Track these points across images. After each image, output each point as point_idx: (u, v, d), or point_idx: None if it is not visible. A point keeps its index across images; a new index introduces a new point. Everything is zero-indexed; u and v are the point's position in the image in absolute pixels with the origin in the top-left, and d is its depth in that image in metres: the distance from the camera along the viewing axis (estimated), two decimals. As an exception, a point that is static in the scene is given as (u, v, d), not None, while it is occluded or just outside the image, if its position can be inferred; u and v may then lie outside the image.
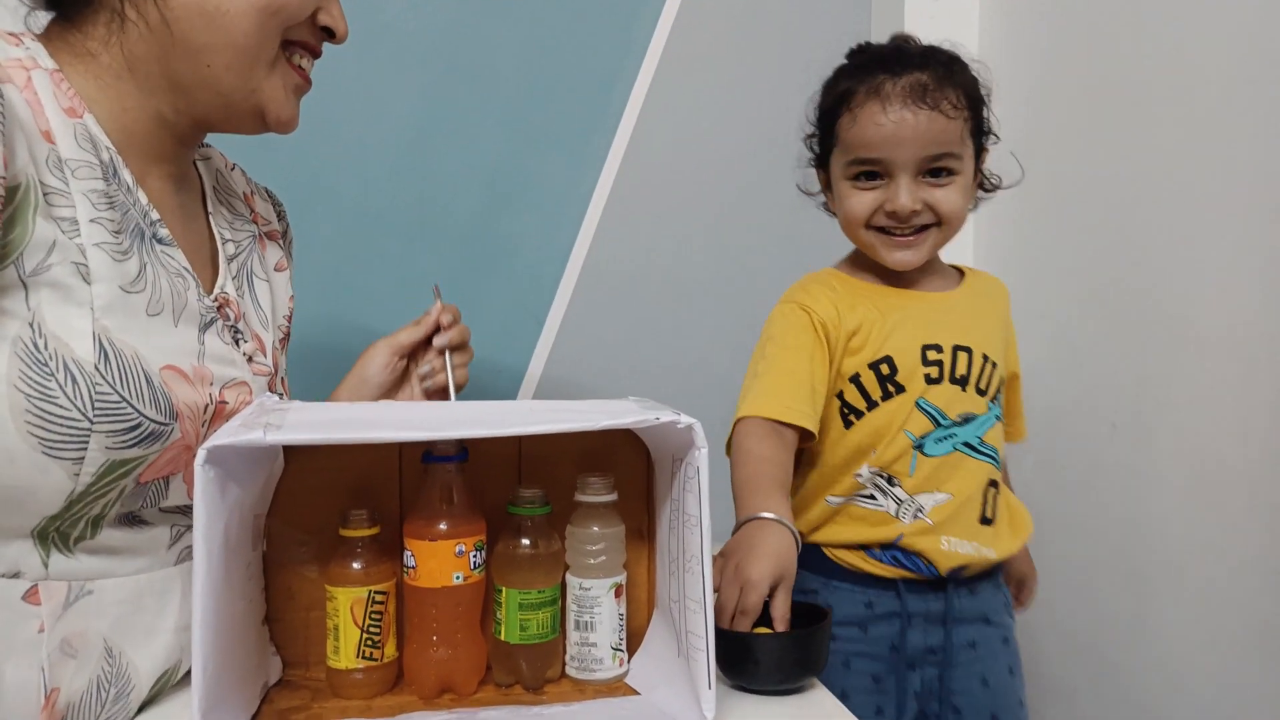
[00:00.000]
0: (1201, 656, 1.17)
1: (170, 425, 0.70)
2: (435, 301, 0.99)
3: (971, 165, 1.03)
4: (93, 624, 0.69)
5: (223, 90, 0.76)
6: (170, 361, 0.72)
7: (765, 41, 1.58)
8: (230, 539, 0.66)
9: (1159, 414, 1.23)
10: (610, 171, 1.53)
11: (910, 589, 1.02)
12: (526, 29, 1.48)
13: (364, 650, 0.74)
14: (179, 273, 0.76)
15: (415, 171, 1.45)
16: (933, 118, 0.98)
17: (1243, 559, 1.12)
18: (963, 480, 1.02)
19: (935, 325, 1.04)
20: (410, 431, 0.67)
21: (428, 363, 0.99)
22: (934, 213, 1.01)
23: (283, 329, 0.93)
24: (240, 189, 0.94)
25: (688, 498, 0.73)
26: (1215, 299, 1.15)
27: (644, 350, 1.55)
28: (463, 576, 0.75)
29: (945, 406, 1.02)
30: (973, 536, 1.02)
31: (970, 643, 1.03)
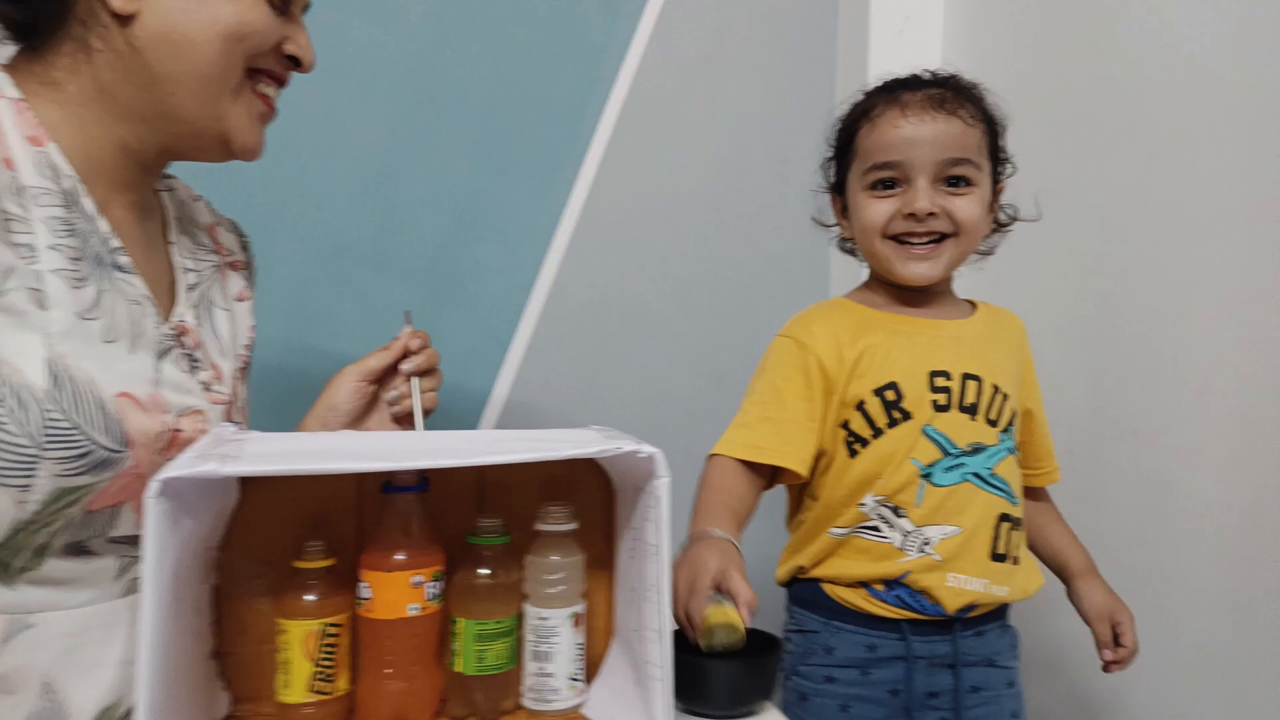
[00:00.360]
0: (1155, 678, 1.19)
1: (123, 453, 0.69)
2: (405, 327, 0.98)
3: (989, 184, 1.02)
4: (34, 658, 0.68)
5: (188, 118, 0.76)
6: (125, 388, 0.71)
7: (734, 72, 1.60)
8: (180, 573, 0.65)
9: (1116, 441, 1.25)
10: (578, 200, 1.53)
11: (915, 631, 0.99)
12: (495, 57, 1.48)
13: (315, 684, 0.73)
14: (137, 300, 0.76)
15: (381, 199, 1.44)
16: (951, 122, 0.98)
17: (1196, 584, 1.14)
18: (973, 513, 0.99)
19: (943, 352, 1.02)
20: (370, 462, 0.67)
21: (396, 389, 0.97)
22: (951, 220, 0.99)
23: (243, 358, 0.92)
24: (204, 220, 0.93)
25: (648, 527, 0.73)
26: (1171, 327, 1.18)
27: (609, 377, 1.55)
28: (419, 608, 0.74)
29: (954, 434, 0.99)
30: (983, 574, 0.99)
31: (974, 687, 1.01)
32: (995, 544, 1.00)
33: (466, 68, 1.47)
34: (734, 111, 1.60)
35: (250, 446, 0.67)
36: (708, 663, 0.79)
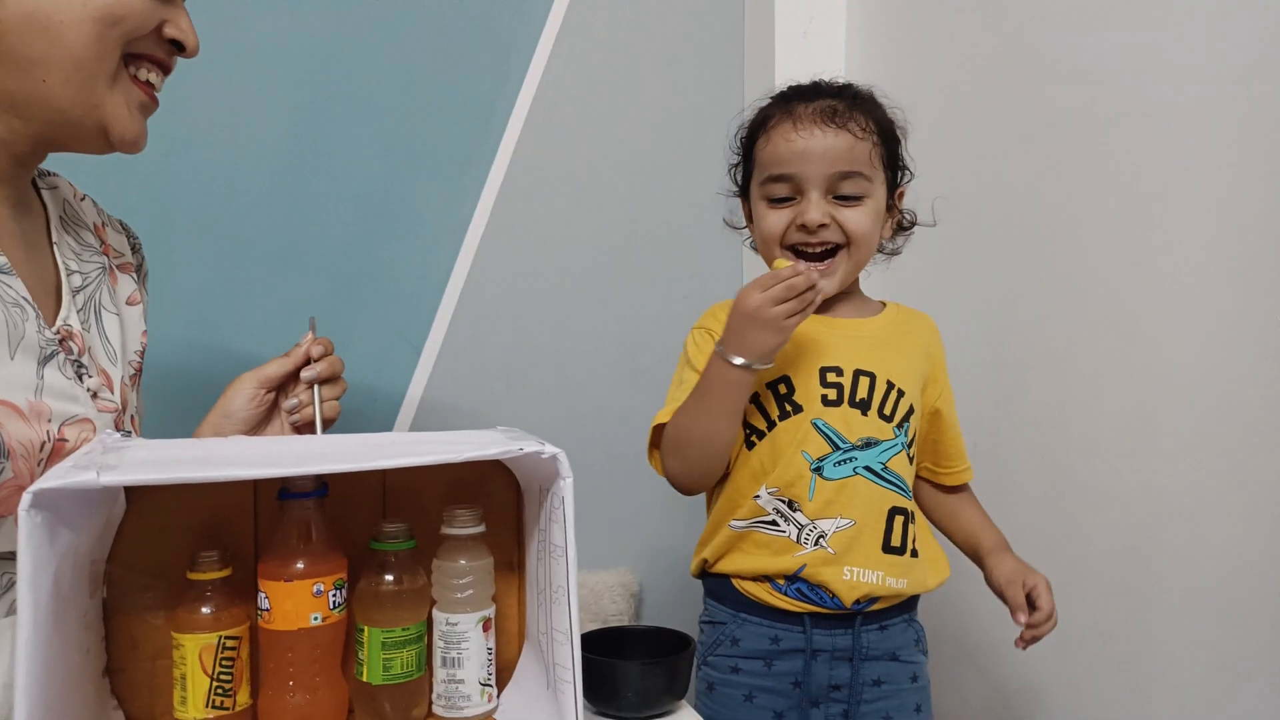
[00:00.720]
0: (1055, 662, 1.23)
1: (1, 464, 0.65)
2: (308, 333, 0.95)
3: (883, 194, 1.05)
4: None
5: (61, 106, 0.72)
6: (3, 396, 0.67)
7: (643, 68, 1.61)
8: (62, 588, 0.62)
9: (1015, 433, 1.29)
10: (489, 197, 1.52)
11: (817, 624, 1.02)
12: (402, 51, 1.46)
13: (214, 699, 0.71)
14: (16, 303, 0.72)
15: (287, 197, 1.40)
16: (840, 135, 1.01)
17: (1094, 574, 1.19)
18: (864, 506, 1.01)
19: (838, 350, 1.05)
20: (262, 469, 0.65)
21: (295, 396, 0.94)
22: (843, 231, 1.01)
23: (134, 364, 0.88)
24: (90, 220, 0.89)
25: (553, 528, 0.72)
26: (1066, 322, 1.22)
27: (526, 376, 1.54)
28: (321, 617, 0.72)
29: (843, 429, 1.02)
30: (877, 565, 1.01)
31: (876, 680, 1.03)
32: (888, 536, 1.02)
33: (373, 63, 1.44)
34: (644, 109, 1.61)
35: (132, 454, 0.64)
36: (618, 664, 0.79)
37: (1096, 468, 1.19)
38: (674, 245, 1.62)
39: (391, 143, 1.45)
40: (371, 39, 1.44)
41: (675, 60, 1.63)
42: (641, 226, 1.61)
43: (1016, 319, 1.30)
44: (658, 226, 1.62)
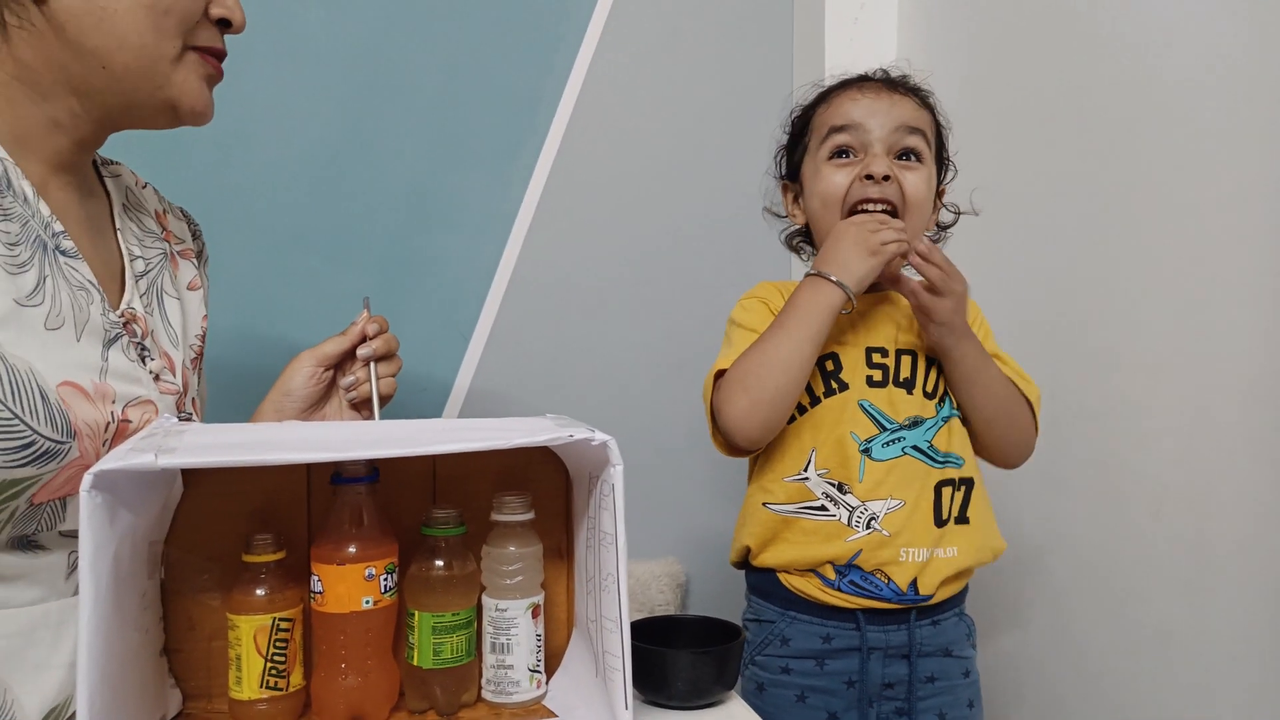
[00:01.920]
0: (1113, 656, 1.20)
1: (67, 444, 0.66)
2: (363, 312, 0.97)
3: (934, 173, 1.06)
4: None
5: (125, 90, 0.74)
6: (69, 377, 0.69)
7: (691, 59, 1.59)
8: (121, 568, 0.63)
9: (1072, 425, 1.26)
10: (536, 187, 1.52)
11: (870, 620, 1.00)
12: (451, 42, 1.46)
13: (268, 680, 0.72)
14: (82, 286, 0.74)
15: (337, 187, 1.42)
16: (908, 99, 1.04)
17: (1148, 565, 1.16)
18: (913, 485, 1.00)
19: (883, 329, 1.05)
20: (316, 453, 0.65)
21: (352, 374, 0.95)
22: (902, 191, 1.01)
23: (195, 348, 0.90)
24: (152, 207, 0.91)
25: (603, 515, 0.72)
26: (1124, 313, 1.19)
27: (572, 365, 1.54)
28: (373, 601, 0.72)
29: (889, 409, 1.02)
30: (929, 541, 1.00)
31: (929, 676, 1.01)
32: (938, 511, 1.01)
33: (421, 54, 1.45)
34: (691, 99, 1.59)
35: (190, 438, 0.65)
36: (668, 653, 0.78)
37: (1155, 463, 1.15)
38: (720, 237, 1.61)
39: (440, 134, 1.46)
40: (420, 31, 1.44)
41: (723, 50, 1.61)
42: (687, 218, 1.60)
43: (1072, 311, 1.26)
44: (703, 218, 1.60)
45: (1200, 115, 1.09)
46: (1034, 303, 1.32)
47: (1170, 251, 1.13)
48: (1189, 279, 1.11)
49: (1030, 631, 1.33)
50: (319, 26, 1.40)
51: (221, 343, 1.32)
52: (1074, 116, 1.26)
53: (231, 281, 1.35)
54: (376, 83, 1.43)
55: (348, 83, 1.42)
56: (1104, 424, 1.22)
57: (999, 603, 1.17)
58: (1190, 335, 1.11)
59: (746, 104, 1.60)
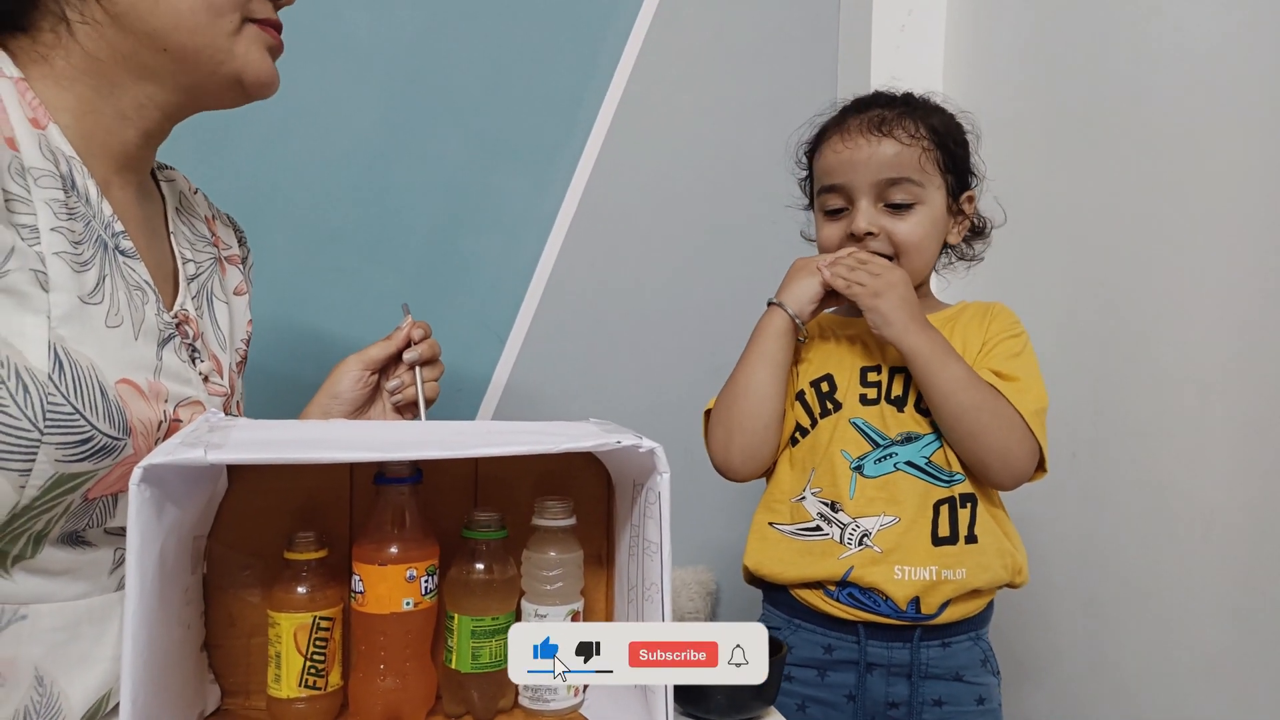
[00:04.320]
0: (1154, 684, 1.18)
1: (123, 440, 0.67)
2: (406, 317, 0.98)
3: (940, 199, 1.03)
4: (25, 650, 0.66)
5: (188, 70, 0.74)
6: (126, 375, 0.69)
7: (735, 61, 1.58)
8: (167, 562, 0.63)
9: (1118, 442, 1.23)
10: (576, 189, 1.52)
11: (872, 634, 0.99)
12: (492, 43, 1.46)
13: (307, 679, 0.71)
14: (139, 286, 0.75)
15: (376, 187, 1.42)
16: (885, 142, 1.01)
17: (1197, 588, 1.13)
18: (907, 501, 0.99)
19: (882, 350, 1.05)
20: (360, 452, 0.65)
21: (397, 378, 0.97)
22: (891, 241, 1.01)
23: (240, 353, 0.91)
24: (203, 212, 0.92)
25: (648, 524, 0.71)
26: (1174, 328, 1.16)
27: (608, 368, 1.54)
28: (413, 603, 0.72)
29: (881, 425, 1.02)
30: (928, 560, 0.98)
31: (937, 700, 0.99)
32: (935, 528, 0.99)
33: (463, 55, 1.45)
34: (734, 104, 1.58)
35: (237, 434, 0.65)
36: (708, 664, 0.77)
37: (1203, 482, 1.13)
38: (760, 242, 1.60)
39: (480, 134, 1.46)
40: (462, 31, 1.45)
41: (767, 53, 1.60)
42: (727, 222, 1.59)
43: (1119, 324, 1.24)
44: (743, 222, 1.59)
45: (1261, 124, 1.06)
46: (1083, 315, 1.30)
47: (1224, 265, 1.10)
48: (1243, 293, 1.08)
49: (1068, 657, 1.30)
50: (362, 27, 1.40)
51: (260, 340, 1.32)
52: (1126, 124, 1.24)
53: (272, 279, 1.36)
54: (419, 83, 1.43)
55: (390, 83, 1.42)
56: (1153, 442, 1.19)
57: (1035, 626, 1.15)
58: (1243, 351, 1.08)
59: (790, 109, 1.57)
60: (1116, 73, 1.25)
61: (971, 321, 1.07)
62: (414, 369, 0.95)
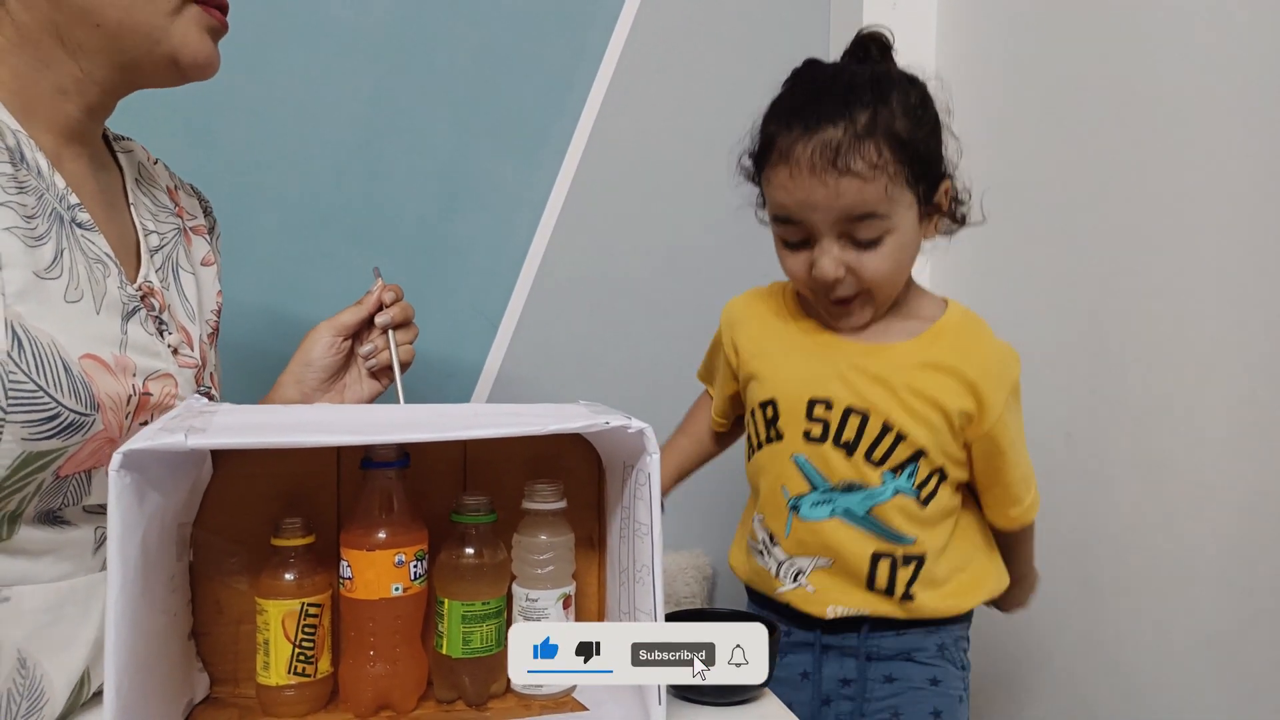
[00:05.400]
0: (1153, 665, 1.17)
1: (91, 416, 0.66)
2: (377, 280, 0.97)
3: (911, 217, 0.92)
4: (7, 633, 0.65)
5: (123, 48, 0.73)
6: (90, 350, 0.68)
7: (724, 44, 1.57)
8: (150, 549, 0.62)
9: (1114, 423, 1.23)
10: (567, 173, 1.50)
11: (829, 629, 0.99)
12: (481, 25, 1.44)
13: (296, 666, 0.70)
14: (99, 259, 0.73)
15: (364, 171, 1.41)
16: (844, 183, 0.88)
17: (1195, 568, 1.12)
18: (842, 549, 0.95)
19: (835, 379, 0.95)
20: (346, 435, 0.64)
21: (370, 342, 0.97)
22: (858, 280, 0.92)
23: (211, 324, 0.89)
24: (164, 183, 0.90)
25: (638, 505, 0.70)
26: (1170, 306, 1.15)
27: (600, 352, 1.53)
28: (402, 588, 0.71)
29: (824, 469, 0.95)
30: (860, 604, 0.96)
31: (887, 676, 0.98)
32: (873, 578, 0.95)
33: (451, 38, 1.43)
34: (725, 85, 1.57)
35: (219, 419, 0.64)
36: (701, 646, 0.76)
37: (1201, 462, 1.12)
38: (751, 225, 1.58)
39: (470, 117, 1.44)
40: (451, 14, 1.43)
41: (757, 38, 1.58)
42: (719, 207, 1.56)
43: (1116, 305, 1.23)
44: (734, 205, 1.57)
45: (1261, 103, 1.05)
46: (1077, 295, 1.29)
47: (1220, 242, 1.09)
48: (1240, 271, 1.07)
49: (1067, 638, 1.30)
50: (349, 9, 1.38)
51: (248, 324, 1.31)
52: (1123, 102, 1.22)
53: (260, 264, 1.35)
54: (407, 66, 1.41)
55: (378, 66, 1.40)
56: (1149, 421, 1.18)
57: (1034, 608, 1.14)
58: (1238, 333, 1.07)
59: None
60: (1113, 49, 1.24)
61: (973, 368, 0.95)
62: (387, 333, 0.95)
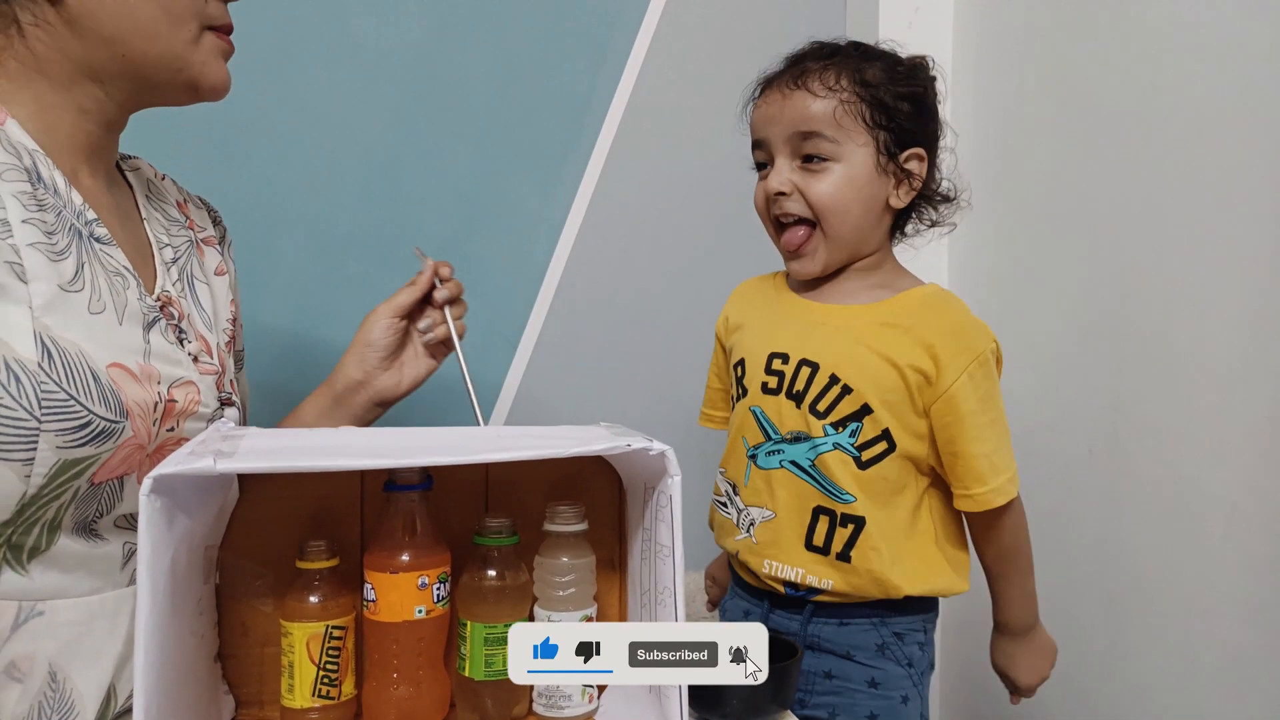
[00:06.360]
0: (1176, 684, 1.16)
1: (121, 423, 0.68)
2: (425, 260, 1.02)
3: (865, 156, 0.96)
4: (41, 646, 0.67)
5: (146, 75, 0.75)
6: (117, 359, 0.70)
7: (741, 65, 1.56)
8: (178, 572, 0.63)
9: (1136, 438, 1.22)
10: (585, 192, 1.51)
11: (775, 604, 1.02)
12: (500, 48, 1.46)
13: (320, 689, 0.71)
14: (118, 272, 0.75)
15: (386, 192, 1.42)
16: (799, 96, 0.97)
17: (1218, 586, 1.11)
18: (787, 500, 0.98)
19: (794, 336, 1.00)
20: (370, 459, 0.65)
21: (427, 318, 1.02)
22: (805, 201, 0.97)
23: (227, 332, 0.91)
24: (173, 197, 0.92)
25: (660, 527, 0.70)
26: (1193, 321, 1.15)
27: (619, 372, 1.53)
28: (425, 610, 0.72)
29: (776, 419, 0.99)
30: (797, 562, 0.98)
31: (827, 672, 1.00)
32: (811, 534, 0.98)
33: (470, 60, 1.45)
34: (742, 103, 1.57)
35: (246, 443, 0.65)
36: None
37: (1225, 477, 1.11)
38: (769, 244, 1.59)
39: (488, 138, 1.46)
40: (469, 36, 1.44)
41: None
42: (737, 222, 1.57)
43: (1136, 320, 1.22)
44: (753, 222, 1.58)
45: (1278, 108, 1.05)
46: (1099, 309, 1.28)
47: (1243, 257, 1.08)
48: (1263, 286, 1.06)
49: (1088, 656, 1.29)
50: (370, 33, 1.40)
51: (271, 347, 1.33)
52: (1139, 112, 1.22)
53: (284, 283, 1.37)
54: (427, 88, 1.43)
55: (399, 88, 1.42)
56: (1172, 438, 1.18)
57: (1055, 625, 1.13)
58: (1263, 348, 1.06)
59: (797, 109, 1.58)
60: (1129, 63, 1.24)
61: (931, 334, 0.96)
62: (444, 308, 1.00)
